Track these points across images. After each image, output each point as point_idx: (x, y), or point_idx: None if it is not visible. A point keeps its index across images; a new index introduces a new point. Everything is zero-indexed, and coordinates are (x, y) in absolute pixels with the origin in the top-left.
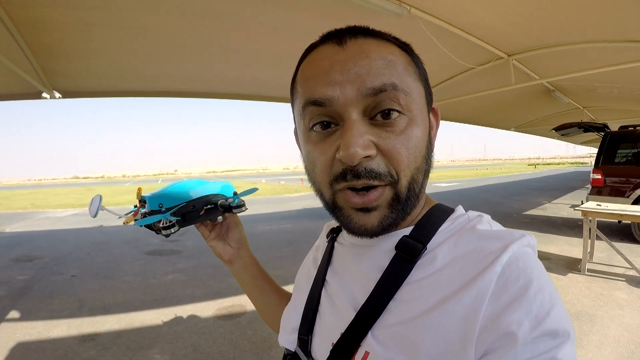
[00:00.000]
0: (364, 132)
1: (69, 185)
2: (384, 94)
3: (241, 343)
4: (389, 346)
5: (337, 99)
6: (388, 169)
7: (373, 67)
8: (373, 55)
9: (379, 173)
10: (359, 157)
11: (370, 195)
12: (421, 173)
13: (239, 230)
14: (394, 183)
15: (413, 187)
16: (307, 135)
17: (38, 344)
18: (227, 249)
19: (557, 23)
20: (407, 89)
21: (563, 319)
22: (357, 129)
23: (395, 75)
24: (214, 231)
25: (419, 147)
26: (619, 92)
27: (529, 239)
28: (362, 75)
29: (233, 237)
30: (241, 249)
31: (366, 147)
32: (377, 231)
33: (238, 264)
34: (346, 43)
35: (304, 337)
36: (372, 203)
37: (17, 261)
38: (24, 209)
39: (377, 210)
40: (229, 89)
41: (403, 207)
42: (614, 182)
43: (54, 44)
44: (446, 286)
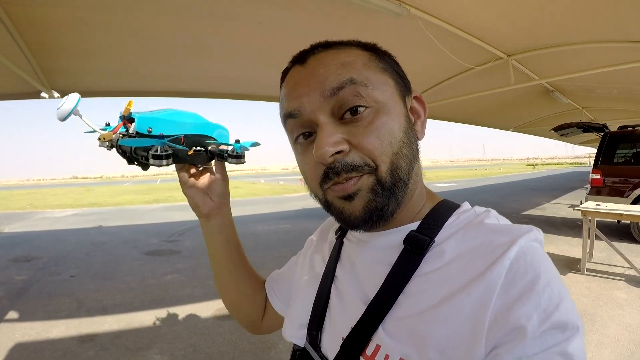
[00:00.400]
0: (333, 132)
1: (67, 185)
2: (344, 90)
3: (240, 343)
4: (400, 339)
5: (305, 107)
6: (364, 160)
7: (330, 71)
8: (329, 62)
9: (356, 165)
10: (329, 154)
11: (348, 183)
12: (403, 158)
13: (224, 184)
14: (373, 171)
15: (396, 172)
16: (294, 147)
17: (37, 345)
18: (206, 200)
19: (556, 23)
20: (367, 80)
21: (571, 312)
22: (326, 130)
23: (352, 71)
24: (194, 177)
25: (392, 133)
26: (618, 92)
27: (537, 233)
28: (321, 81)
29: (217, 189)
30: (223, 205)
31: (335, 144)
32: (365, 216)
33: (215, 221)
34: (307, 62)
35: (313, 332)
36: (350, 189)
37: (15, 261)
38: (23, 209)
39: (359, 196)
40: (228, 89)
41: (390, 191)
42: (613, 182)
43: (52, 43)
44: (455, 280)
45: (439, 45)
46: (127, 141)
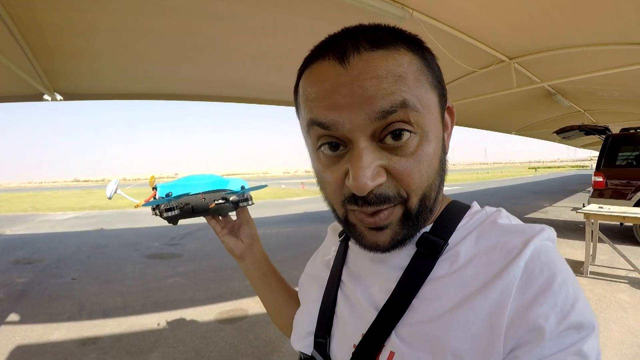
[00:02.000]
0: (372, 160)
1: (69, 188)
2: (393, 115)
3: (243, 347)
4: (415, 345)
5: (343, 124)
6: (397, 190)
7: (380, 87)
8: (380, 73)
9: (389, 197)
10: (368, 188)
11: (381, 215)
12: (434, 188)
13: (250, 226)
14: (404, 202)
15: (425, 203)
16: (315, 154)
17: (38, 348)
18: (238, 244)
19: (558, 26)
20: (419, 103)
21: (587, 311)
22: (366, 159)
23: (405, 90)
24: (225, 227)
25: (432, 165)
26: (620, 94)
27: (549, 233)
28: (368, 98)
29: (244, 232)
30: (253, 244)
31: (375, 176)
32: (388, 247)
33: (249, 259)
34: (349, 62)
35: (321, 340)
36: (383, 222)
37: (16, 264)
38: (25, 211)
39: (389, 228)
40: (230, 92)
41: (414, 222)
42: (615, 184)
43: (55, 46)
44: (471, 282)
45: (441, 49)
46: (147, 203)
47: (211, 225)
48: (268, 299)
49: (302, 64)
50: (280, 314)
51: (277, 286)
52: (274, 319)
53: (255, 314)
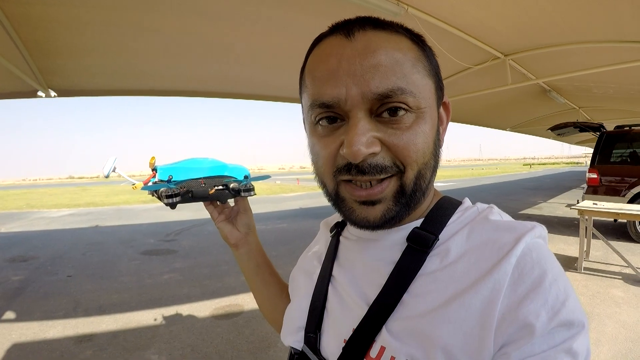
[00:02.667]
0: (368, 130)
1: (64, 185)
2: (389, 99)
3: (239, 342)
4: (406, 340)
5: (344, 101)
6: (394, 161)
7: (380, 68)
8: (380, 53)
9: (385, 166)
10: (362, 155)
11: (375, 189)
12: (429, 169)
13: (247, 215)
14: (400, 174)
15: (420, 182)
16: (313, 128)
17: (34, 345)
18: (234, 232)
19: (553, 23)
20: (415, 89)
21: (577, 309)
22: (362, 127)
23: (402, 77)
24: (223, 213)
25: (427, 143)
26: (614, 92)
27: (541, 230)
28: (367, 78)
29: (241, 221)
30: (249, 234)
31: (370, 144)
32: (379, 224)
33: (244, 249)
34: (354, 35)
35: (311, 334)
36: (376, 196)
37: (12, 261)
38: (19, 209)
39: (381, 203)
40: (225, 89)
41: (408, 201)
42: (609, 181)
43: (49, 41)
44: (462, 278)
45: (437, 45)
46: (146, 187)
47: (208, 210)
48: (260, 291)
49: (313, 42)
50: (272, 307)
51: (270, 279)
52: (265, 312)
53: (251, 309)
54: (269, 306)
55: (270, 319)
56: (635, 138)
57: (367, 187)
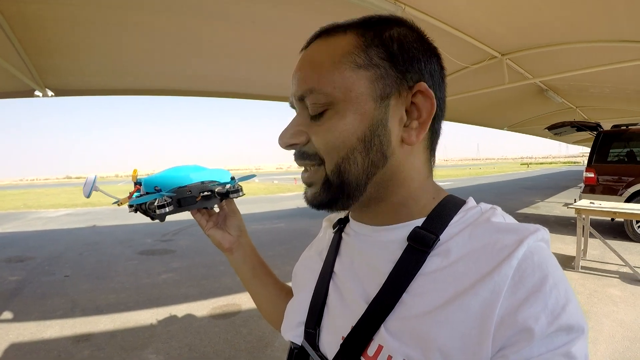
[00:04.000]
0: (298, 124)
1: (61, 185)
2: (306, 99)
3: (236, 342)
4: (404, 340)
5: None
6: (316, 152)
7: (301, 75)
8: (306, 61)
9: (309, 154)
10: (285, 143)
11: (306, 174)
12: (352, 164)
13: (237, 217)
14: (322, 164)
15: (345, 175)
16: None
17: (31, 345)
18: (226, 236)
19: (550, 23)
20: (327, 86)
21: (577, 314)
22: (292, 121)
23: (316, 78)
24: (211, 220)
25: (341, 138)
26: (610, 91)
27: (543, 233)
28: (295, 83)
29: (232, 224)
30: (241, 236)
31: (294, 135)
32: (311, 203)
33: (238, 252)
34: (307, 48)
35: (311, 330)
36: (306, 180)
37: (8, 262)
38: (16, 209)
39: (313, 187)
40: (222, 88)
41: (336, 191)
42: (606, 180)
43: (46, 41)
44: (461, 279)
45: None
46: (133, 200)
47: (196, 218)
48: (259, 293)
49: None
50: (273, 308)
51: (267, 280)
52: (265, 313)
53: (249, 309)
54: (269, 307)
55: (271, 320)
56: (632, 137)
57: (304, 172)
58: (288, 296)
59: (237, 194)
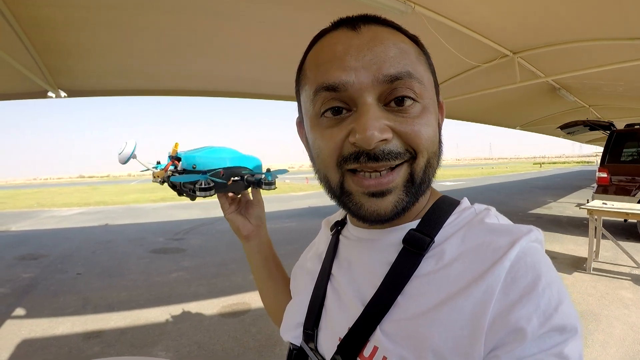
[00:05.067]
0: (380, 116)
1: (74, 184)
2: (399, 82)
3: (245, 340)
4: (398, 341)
5: (352, 84)
6: (406, 147)
7: (389, 54)
8: (387, 43)
9: (399, 152)
10: (376, 139)
11: (385, 178)
12: (437, 159)
13: (260, 207)
14: (412, 160)
15: (428, 171)
16: (316, 121)
17: (43, 341)
18: (246, 224)
19: (562, 21)
20: (421, 77)
21: (571, 314)
22: (374, 113)
23: (410, 64)
24: (233, 204)
25: (435, 132)
26: (624, 90)
27: (537, 234)
28: (377, 62)
29: (254, 213)
30: (260, 227)
31: (383, 130)
32: (390, 216)
33: (254, 241)
34: (360, 28)
35: (309, 331)
36: (387, 185)
37: (22, 259)
38: (30, 207)
39: (392, 194)
40: (232, 87)
41: (416, 191)
42: (620, 180)
43: (59, 42)
44: (455, 281)
45: (444, 43)
46: (177, 178)
47: (220, 201)
48: (266, 285)
49: (314, 38)
50: (276, 301)
51: (276, 272)
52: (268, 305)
53: (258, 307)
54: (273, 299)
55: (272, 313)
56: None
57: (377, 177)
58: None
59: (270, 187)
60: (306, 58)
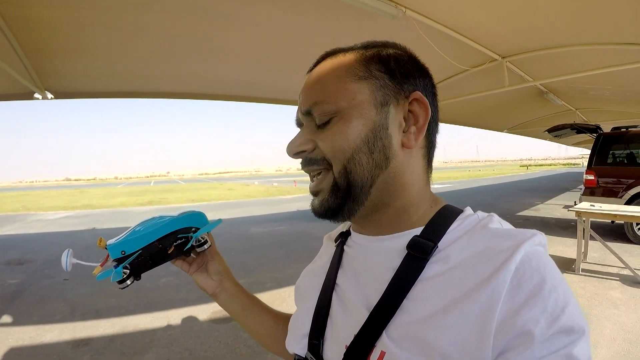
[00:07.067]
0: (305, 134)
1: (60, 187)
2: (313, 111)
3: (237, 347)
4: (405, 346)
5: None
6: (323, 156)
7: (306, 92)
8: (313, 79)
9: (316, 159)
10: (293, 151)
11: (315, 182)
12: (357, 164)
13: (217, 261)
14: (330, 168)
15: (352, 177)
16: None
17: (31, 350)
18: (208, 282)
19: (550, 26)
20: (331, 97)
21: (577, 315)
22: (300, 132)
23: (320, 91)
24: (194, 264)
25: (347, 140)
26: (610, 93)
27: (540, 238)
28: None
29: (212, 269)
30: (223, 280)
31: (301, 144)
32: (320, 212)
33: (223, 296)
34: (312, 71)
35: (315, 341)
36: (314, 187)
37: (8, 264)
38: (16, 211)
39: (320, 194)
40: (222, 91)
41: (345, 194)
42: (606, 182)
43: (46, 43)
44: (460, 285)
45: (434, 47)
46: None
47: (177, 266)
48: (256, 329)
49: None
50: (273, 340)
51: (261, 314)
52: (266, 345)
53: None
54: (268, 339)
55: (274, 350)
56: (632, 139)
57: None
58: (285, 324)
59: (202, 247)
60: None
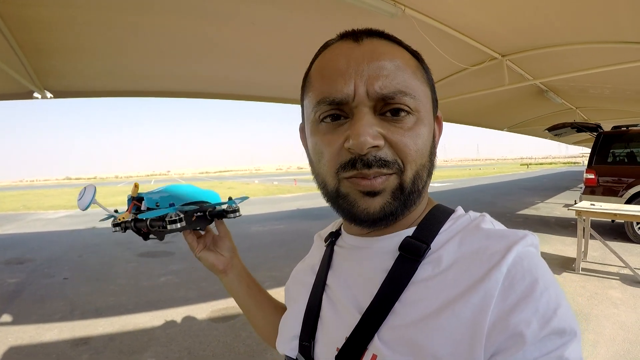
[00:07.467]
0: (373, 124)
1: (61, 186)
2: (393, 99)
3: (236, 345)
4: (397, 348)
5: (351, 98)
6: (395, 158)
7: (385, 71)
8: (385, 57)
9: (388, 161)
10: (368, 145)
11: (378, 179)
12: (425, 171)
13: (228, 238)
14: (400, 172)
15: (417, 182)
16: (315, 127)
17: (30, 349)
18: (220, 258)
19: (550, 24)
20: (415, 92)
21: (569, 317)
22: (367, 120)
23: (403, 82)
24: (201, 242)
25: (425, 145)
26: (610, 92)
27: (532, 239)
28: (373, 77)
29: (224, 245)
30: (233, 257)
31: (375, 137)
32: (379, 216)
33: (232, 273)
34: (362, 40)
35: (305, 343)
36: (379, 186)
37: (7, 264)
38: (16, 210)
39: (381, 195)
40: (222, 89)
41: (405, 199)
42: (607, 181)
43: (45, 43)
44: (452, 287)
45: (434, 46)
46: (146, 214)
47: (188, 240)
48: (255, 312)
49: (321, 48)
50: (269, 325)
51: (262, 298)
52: (260, 331)
53: None
54: (265, 325)
55: (267, 338)
56: (632, 138)
57: (371, 179)
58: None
59: (235, 214)
60: (312, 67)
